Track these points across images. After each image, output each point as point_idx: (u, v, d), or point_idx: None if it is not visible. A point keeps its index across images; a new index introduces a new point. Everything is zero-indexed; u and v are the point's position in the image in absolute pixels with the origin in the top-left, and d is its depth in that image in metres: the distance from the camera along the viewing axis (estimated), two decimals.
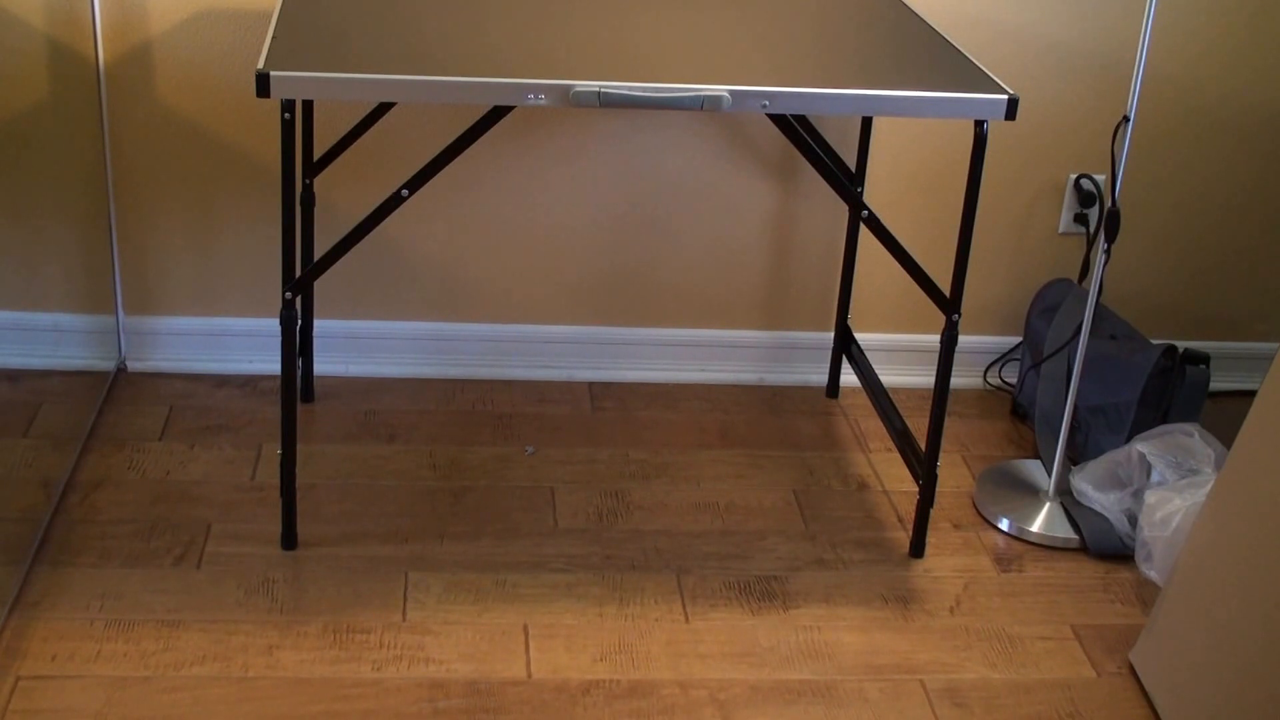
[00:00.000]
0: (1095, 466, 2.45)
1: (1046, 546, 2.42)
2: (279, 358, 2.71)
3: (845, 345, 2.77)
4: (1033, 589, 2.31)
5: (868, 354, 2.81)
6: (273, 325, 2.74)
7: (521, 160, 2.67)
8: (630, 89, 1.96)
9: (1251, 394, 2.47)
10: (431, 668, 2.05)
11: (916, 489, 2.42)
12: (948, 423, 2.75)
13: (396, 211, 2.64)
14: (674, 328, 2.83)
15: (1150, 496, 2.31)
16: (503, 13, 2.24)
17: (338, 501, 2.39)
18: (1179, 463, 2.35)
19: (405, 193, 2.08)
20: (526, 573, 2.25)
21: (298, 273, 2.12)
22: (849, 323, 2.78)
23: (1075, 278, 2.83)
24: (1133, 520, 2.38)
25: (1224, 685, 1.90)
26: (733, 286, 2.81)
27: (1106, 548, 2.39)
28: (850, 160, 2.70)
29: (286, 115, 1.98)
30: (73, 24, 2.44)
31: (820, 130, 2.68)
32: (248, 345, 2.75)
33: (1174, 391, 2.49)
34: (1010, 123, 2.50)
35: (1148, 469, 2.38)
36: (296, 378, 2.18)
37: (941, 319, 2.33)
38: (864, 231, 2.72)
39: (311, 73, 1.93)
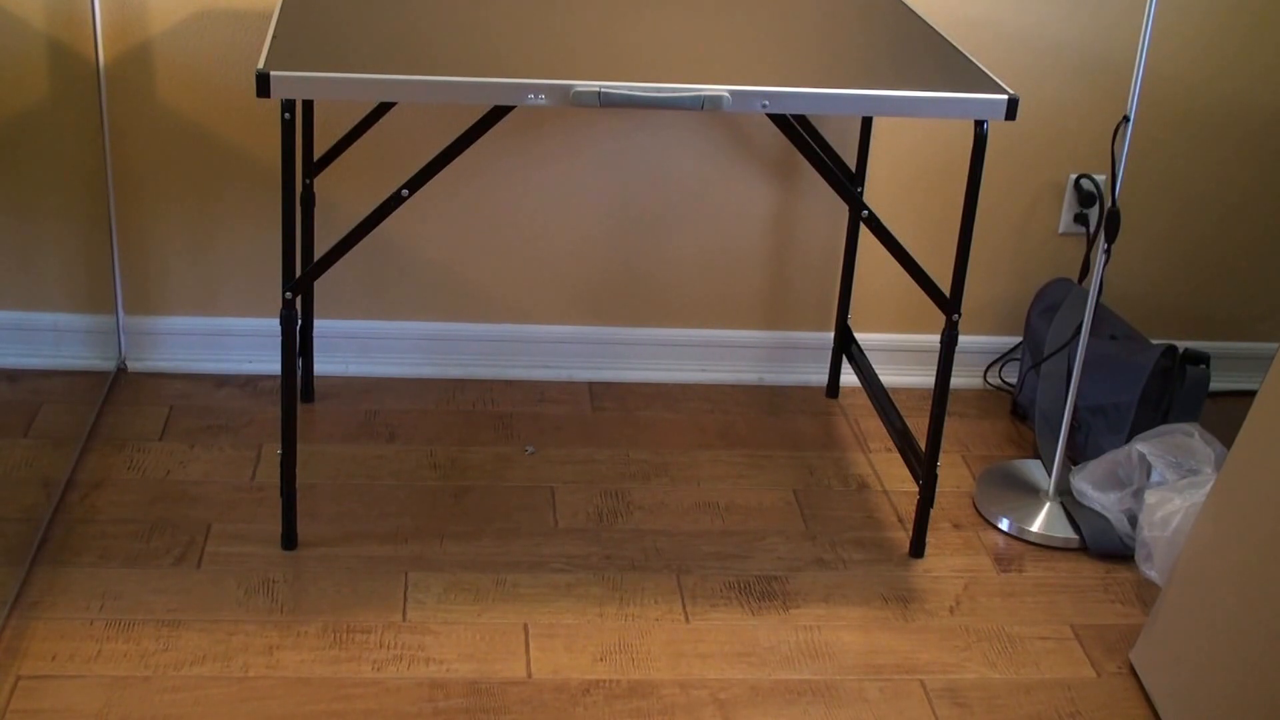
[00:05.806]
0: (1095, 466, 2.45)
1: (1046, 546, 2.42)
2: (279, 358, 2.72)
3: (845, 345, 2.77)
4: (1033, 589, 2.31)
5: (868, 354, 2.81)
6: (273, 325, 2.74)
7: (522, 160, 2.67)
8: (630, 89, 1.96)
9: (1251, 394, 2.47)
10: (431, 668, 2.04)
11: (916, 489, 2.42)
12: (948, 423, 2.75)
13: (396, 211, 2.64)
14: (674, 328, 2.83)
15: (1150, 496, 2.31)
16: (503, 13, 2.24)
17: (338, 501, 2.39)
18: (1179, 463, 2.35)
19: (405, 193, 2.08)
20: (526, 573, 2.25)
21: (298, 273, 2.12)
22: (849, 323, 2.78)
23: (1075, 278, 2.83)
24: (1133, 520, 2.38)
25: (1224, 685, 1.90)
26: (733, 286, 2.81)
27: (1106, 548, 2.39)
28: (850, 160, 2.70)
29: (286, 115, 1.98)
30: (73, 24, 2.43)
31: (820, 130, 2.68)
32: (248, 345, 2.75)
33: (1174, 391, 2.49)
34: (1010, 123, 2.50)
35: (1148, 469, 2.38)
36: (296, 378, 2.18)
37: (941, 319, 2.33)
38: (864, 231, 2.72)
39: (311, 73, 1.93)
